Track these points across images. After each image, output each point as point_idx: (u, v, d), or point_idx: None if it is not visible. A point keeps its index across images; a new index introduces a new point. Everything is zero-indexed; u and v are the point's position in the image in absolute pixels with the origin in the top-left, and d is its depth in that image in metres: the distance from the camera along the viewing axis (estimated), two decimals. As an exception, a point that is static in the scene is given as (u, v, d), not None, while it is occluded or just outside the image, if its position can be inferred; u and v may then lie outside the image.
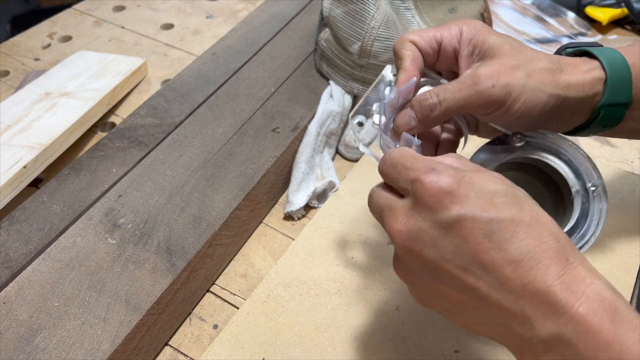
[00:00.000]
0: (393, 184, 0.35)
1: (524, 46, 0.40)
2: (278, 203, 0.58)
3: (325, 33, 0.65)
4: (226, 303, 0.49)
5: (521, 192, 0.32)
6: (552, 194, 0.43)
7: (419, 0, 0.61)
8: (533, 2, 0.86)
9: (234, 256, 0.53)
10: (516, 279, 0.29)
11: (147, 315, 0.43)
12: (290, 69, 0.67)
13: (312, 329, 0.46)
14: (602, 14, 0.81)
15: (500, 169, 0.43)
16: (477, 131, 0.46)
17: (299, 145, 0.59)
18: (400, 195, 0.35)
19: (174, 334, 0.47)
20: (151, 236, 0.48)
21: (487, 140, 0.43)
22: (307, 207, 0.57)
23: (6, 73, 0.74)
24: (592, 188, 0.40)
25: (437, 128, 0.46)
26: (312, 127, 0.59)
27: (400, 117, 0.41)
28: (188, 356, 0.46)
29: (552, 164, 0.42)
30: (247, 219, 0.53)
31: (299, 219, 0.56)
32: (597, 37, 0.80)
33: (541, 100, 0.38)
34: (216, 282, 0.51)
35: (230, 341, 0.45)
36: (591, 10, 0.82)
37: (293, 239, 0.54)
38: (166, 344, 0.46)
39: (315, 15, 0.76)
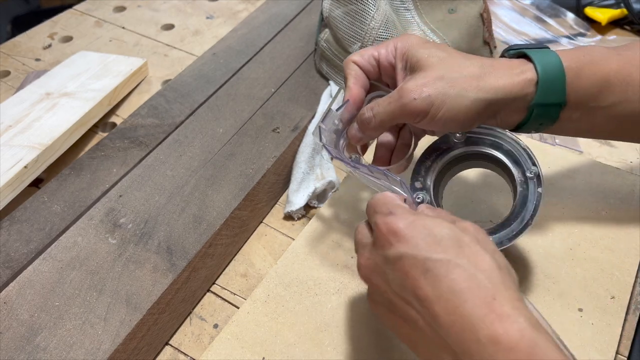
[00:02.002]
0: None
1: (454, 56, 0.43)
2: (278, 203, 0.58)
3: (325, 33, 0.65)
4: (226, 303, 0.50)
5: (468, 238, 0.34)
6: (511, 179, 0.46)
7: (419, 0, 0.62)
8: (532, 3, 0.87)
9: (234, 256, 0.53)
10: (445, 315, 0.32)
11: (147, 314, 0.43)
12: (291, 69, 0.67)
13: (312, 328, 0.46)
14: (602, 15, 0.81)
15: (457, 161, 0.46)
16: (434, 133, 0.48)
17: (299, 145, 0.59)
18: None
19: (174, 333, 0.47)
20: (152, 236, 0.48)
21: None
22: (307, 207, 0.57)
23: (7, 73, 0.74)
24: (530, 175, 0.43)
25: (390, 136, 0.49)
26: (312, 127, 0.59)
27: (350, 130, 0.46)
28: (188, 355, 0.46)
29: (494, 155, 0.45)
30: (247, 218, 0.53)
31: (299, 219, 0.56)
32: (597, 38, 0.80)
33: (464, 105, 0.41)
34: (216, 282, 0.51)
35: (231, 341, 0.45)
36: (590, 11, 0.82)
37: (293, 239, 0.54)
38: (167, 344, 0.46)
39: (315, 16, 0.76)
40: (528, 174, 0.43)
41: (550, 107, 0.42)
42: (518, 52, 0.44)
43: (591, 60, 0.43)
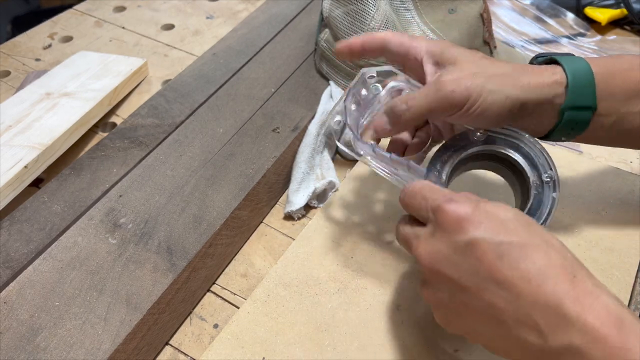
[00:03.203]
0: (414, 213, 0.39)
1: (487, 58, 0.44)
2: (278, 203, 0.58)
3: (325, 33, 0.65)
4: (226, 302, 0.49)
5: (532, 220, 0.35)
6: (520, 183, 0.46)
7: (419, 0, 0.62)
8: (532, 3, 0.87)
9: (234, 256, 0.53)
10: (529, 294, 0.31)
11: (147, 314, 0.43)
12: (291, 69, 0.67)
13: (312, 328, 0.46)
14: (601, 15, 0.81)
15: (470, 159, 0.46)
16: (452, 132, 0.48)
17: (299, 146, 0.59)
18: (422, 224, 0.38)
19: (174, 333, 0.47)
20: (152, 236, 0.48)
21: None
22: (307, 207, 0.57)
23: (7, 73, 0.74)
24: (547, 179, 0.43)
25: (406, 134, 0.49)
26: (312, 128, 0.59)
27: (376, 121, 0.45)
28: (188, 355, 0.46)
29: (511, 156, 0.44)
30: (247, 219, 0.53)
31: (299, 219, 0.56)
32: (597, 38, 0.80)
33: (499, 101, 0.41)
34: (217, 282, 0.51)
35: (231, 340, 0.45)
36: (590, 11, 0.82)
37: (293, 239, 0.54)
38: (167, 344, 0.46)
39: (315, 16, 0.76)
40: (544, 178, 0.43)
41: (581, 110, 0.42)
42: (546, 60, 0.45)
43: (621, 68, 0.43)
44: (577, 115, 0.42)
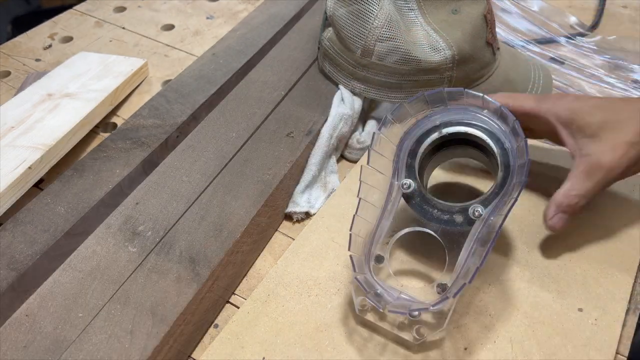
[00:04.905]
0: None
1: (610, 108, 0.48)
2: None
3: (329, 32, 0.65)
4: (227, 302, 0.50)
5: None
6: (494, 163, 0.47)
7: (422, 0, 0.61)
8: (532, 3, 0.87)
9: (253, 263, 0.53)
10: None
11: (174, 326, 0.42)
12: (299, 72, 0.67)
13: (312, 328, 0.46)
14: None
15: (441, 148, 0.49)
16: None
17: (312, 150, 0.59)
18: None
19: (197, 344, 0.46)
20: (172, 245, 0.48)
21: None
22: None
23: (7, 74, 0.74)
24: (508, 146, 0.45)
25: None
26: (325, 131, 0.59)
27: (550, 221, 0.48)
28: (190, 357, 0.46)
29: (475, 134, 0.47)
30: (266, 225, 0.53)
31: (298, 220, 0.56)
32: (596, 38, 0.80)
33: None
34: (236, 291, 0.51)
35: (231, 340, 0.45)
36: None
37: (293, 239, 0.54)
38: (189, 356, 0.46)
39: (319, 17, 0.76)
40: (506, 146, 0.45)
41: None
42: None
43: None
44: None
